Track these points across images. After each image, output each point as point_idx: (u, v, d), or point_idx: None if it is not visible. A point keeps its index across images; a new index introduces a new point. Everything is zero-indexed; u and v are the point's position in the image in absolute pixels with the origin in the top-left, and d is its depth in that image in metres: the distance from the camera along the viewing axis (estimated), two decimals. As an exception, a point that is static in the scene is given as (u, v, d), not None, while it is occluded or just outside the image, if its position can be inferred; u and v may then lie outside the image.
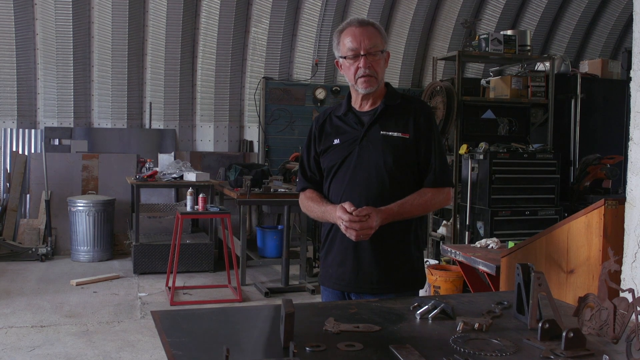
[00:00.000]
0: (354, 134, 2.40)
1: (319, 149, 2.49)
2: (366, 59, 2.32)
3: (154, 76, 8.74)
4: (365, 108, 2.44)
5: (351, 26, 2.36)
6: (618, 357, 1.47)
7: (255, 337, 1.63)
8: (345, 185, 2.38)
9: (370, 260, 2.35)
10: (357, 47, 2.32)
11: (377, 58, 2.34)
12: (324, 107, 9.13)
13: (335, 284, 2.43)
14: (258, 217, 8.68)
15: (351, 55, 2.34)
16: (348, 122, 2.44)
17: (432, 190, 2.37)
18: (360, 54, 2.32)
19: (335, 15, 9.06)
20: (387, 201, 2.31)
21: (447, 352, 1.48)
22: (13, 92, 8.26)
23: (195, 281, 6.67)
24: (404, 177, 2.36)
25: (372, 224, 2.20)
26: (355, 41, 2.32)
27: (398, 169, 2.34)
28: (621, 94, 7.51)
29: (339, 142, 2.42)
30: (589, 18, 10.26)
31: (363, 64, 2.32)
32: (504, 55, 7.05)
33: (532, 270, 1.72)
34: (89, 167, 8.22)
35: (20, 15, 8.11)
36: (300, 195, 2.58)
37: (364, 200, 2.31)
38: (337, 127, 2.46)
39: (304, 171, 2.56)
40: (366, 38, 2.32)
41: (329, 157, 2.44)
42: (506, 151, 6.55)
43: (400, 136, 2.35)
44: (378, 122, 2.38)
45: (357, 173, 2.36)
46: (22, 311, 5.42)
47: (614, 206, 2.60)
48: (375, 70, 2.34)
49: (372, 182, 2.34)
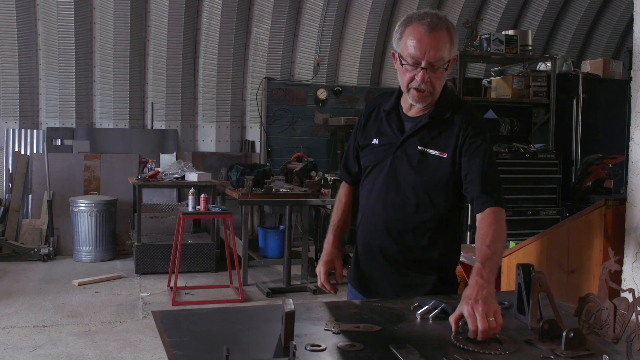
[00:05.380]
0: (392, 140, 2.20)
1: (360, 142, 2.32)
2: (425, 73, 2.02)
3: (155, 76, 8.75)
4: (412, 112, 2.20)
5: (421, 25, 2.01)
6: (618, 357, 1.47)
7: (255, 337, 1.63)
8: (370, 196, 2.26)
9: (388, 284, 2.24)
10: (419, 57, 2.01)
11: (439, 73, 2.04)
12: (325, 108, 9.14)
13: (363, 290, 2.32)
14: (260, 217, 8.69)
15: (410, 62, 2.04)
16: (390, 123, 2.22)
17: (495, 211, 2.05)
18: (421, 66, 2.02)
19: (337, 15, 9.07)
20: (407, 219, 2.18)
21: (447, 352, 1.49)
22: (15, 93, 8.27)
23: (197, 281, 6.67)
24: (432, 200, 2.16)
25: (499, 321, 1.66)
26: (419, 49, 2.00)
27: (427, 189, 2.16)
28: (623, 94, 7.47)
29: (377, 143, 2.24)
30: (590, 18, 10.25)
31: (420, 78, 2.03)
32: (505, 55, 7.04)
33: (532, 270, 1.72)
34: (91, 168, 8.23)
35: (22, 16, 8.12)
36: (341, 186, 2.51)
37: (384, 214, 2.20)
38: (380, 124, 2.26)
39: (347, 159, 2.44)
40: (432, 49, 1.99)
41: (366, 155, 2.29)
42: (508, 151, 6.55)
43: (437, 155, 2.13)
44: (418, 135, 2.16)
45: (383, 185, 2.21)
46: (24, 311, 5.43)
47: (614, 206, 2.60)
48: (432, 86, 2.06)
49: (397, 198, 2.18)
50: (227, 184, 7.38)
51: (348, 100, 9.30)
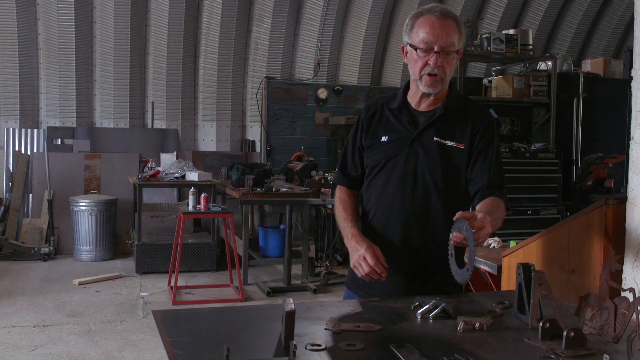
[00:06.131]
0: (405, 134, 2.19)
1: (365, 143, 2.28)
2: (438, 57, 2.09)
3: (156, 76, 8.75)
4: (422, 107, 2.22)
5: (432, 14, 2.11)
6: (619, 356, 1.46)
7: (256, 337, 1.63)
8: (386, 191, 2.20)
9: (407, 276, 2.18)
10: (432, 41, 2.08)
11: (450, 58, 2.12)
12: (326, 107, 9.14)
13: (365, 293, 2.23)
14: (260, 217, 8.69)
15: (423, 48, 2.10)
16: (401, 119, 2.22)
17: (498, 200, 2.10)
18: (434, 50, 2.09)
19: (337, 15, 9.07)
20: (429, 213, 2.16)
21: (447, 351, 1.48)
22: (16, 92, 8.27)
23: (198, 281, 6.68)
24: (452, 192, 2.17)
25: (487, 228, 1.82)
26: (432, 34, 2.08)
27: (447, 181, 2.15)
28: (623, 93, 7.46)
29: (387, 140, 2.22)
30: (591, 17, 10.24)
31: (434, 61, 2.09)
32: (506, 55, 7.04)
33: (533, 269, 1.72)
34: (91, 167, 8.24)
35: (22, 15, 8.12)
36: (336, 190, 2.40)
37: (404, 209, 2.16)
38: (387, 122, 2.25)
39: (345, 162, 2.36)
40: (445, 34, 2.08)
41: (374, 154, 2.24)
42: (508, 150, 6.55)
43: (454, 146, 2.15)
44: (434, 127, 2.17)
45: (401, 179, 2.17)
46: (25, 310, 5.43)
47: (615, 205, 2.60)
48: (444, 71, 2.12)
49: (417, 190, 2.16)
50: (227, 183, 7.38)
51: (348, 100, 9.30)
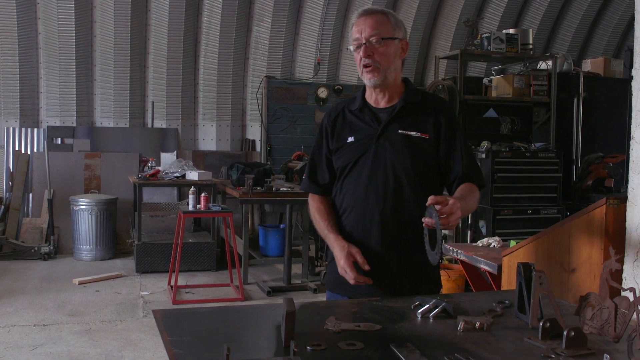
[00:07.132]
0: (370, 132, 2.25)
1: (331, 147, 2.33)
2: (366, 48, 2.18)
3: (156, 75, 8.75)
4: (381, 104, 2.29)
5: (359, 16, 2.23)
6: (619, 356, 1.46)
7: (256, 336, 1.63)
8: (358, 187, 2.24)
9: (387, 267, 2.19)
10: (359, 37, 2.20)
11: (379, 47, 2.18)
12: (326, 106, 9.13)
13: (348, 291, 2.23)
14: (260, 216, 8.69)
15: (355, 46, 2.22)
16: (363, 118, 2.28)
17: (473, 186, 2.21)
18: (362, 43, 2.19)
19: (338, 14, 9.06)
20: (404, 205, 2.19)
21: (448, 351, 1.48)
22: (16, 92, 8.27)
23: (198, 280, 6.68)
24: (423, 180, 2.21)
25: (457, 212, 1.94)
26: (357, 31, 2.20)
27: (417, 171, 2.20)
28: (624, 93, 7.48)
29: (354, 140, 2.26)
30: (591, 16, 10.23)
31: (363, 52, 2.18)
32: (506, 54, 7.04)
33: (533, 269, 1.72)
34: (91, 166, 8.24)
35: (22, 15, 8.12)
36: (309, 200, 2.42)
37: (380, 203, 2.19)
38: (351, 124, 2.30)
39: (313, 171, 2.40)
40: (368, 27, 2.18)
41: (343, 155, 2.29)
42: (508, 150, 6.55)
43: (419, 136, 2.21)
44: (396, 121, 2.23)
45: (372, 174, 2.22)
46: (25, 310, 5.43)
47: (615, 205, 2.60)
48: (376, 60, 2.18)
49: (389, 184, 2.20)
50: (227, 182, 7.38)
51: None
